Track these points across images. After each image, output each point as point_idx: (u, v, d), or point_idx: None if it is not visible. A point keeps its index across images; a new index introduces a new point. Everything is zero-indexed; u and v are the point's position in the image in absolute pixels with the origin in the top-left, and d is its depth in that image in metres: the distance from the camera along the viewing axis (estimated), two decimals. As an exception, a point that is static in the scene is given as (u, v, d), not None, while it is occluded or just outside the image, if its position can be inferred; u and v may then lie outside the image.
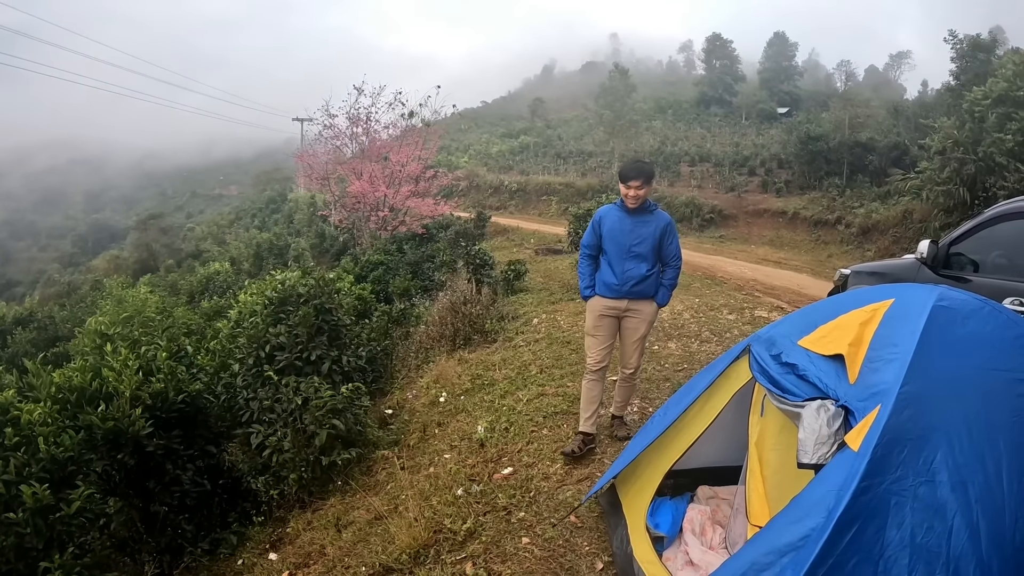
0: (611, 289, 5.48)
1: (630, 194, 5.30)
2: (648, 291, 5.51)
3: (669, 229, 5.48)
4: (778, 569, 2.41)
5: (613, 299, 5.50)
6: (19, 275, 66.65)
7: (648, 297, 5.54)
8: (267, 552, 5.58)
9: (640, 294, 5.48)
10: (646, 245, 5.38)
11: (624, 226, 5.42)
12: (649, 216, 5.44)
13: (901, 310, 3.02)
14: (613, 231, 5.45)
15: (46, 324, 18.04)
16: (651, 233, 5.38)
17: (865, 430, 2.51)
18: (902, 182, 24.67)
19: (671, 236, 5.50)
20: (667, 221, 5.49)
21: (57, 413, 5.42)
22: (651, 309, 5.57)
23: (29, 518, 4.72)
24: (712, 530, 3.90)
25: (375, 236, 18.80)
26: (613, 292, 5.48)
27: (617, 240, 5.44)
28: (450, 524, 4.53)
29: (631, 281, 5.41)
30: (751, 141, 48.33)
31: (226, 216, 51.64)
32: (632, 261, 5.40)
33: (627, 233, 5.40)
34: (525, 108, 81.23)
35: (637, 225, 5.40)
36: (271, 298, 6.94)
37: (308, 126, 33.08)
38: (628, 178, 5.30)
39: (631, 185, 5.28)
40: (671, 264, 5.58)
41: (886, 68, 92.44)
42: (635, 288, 5.43)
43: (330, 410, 6.03)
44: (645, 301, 5.54)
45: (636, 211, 5.39)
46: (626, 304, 5.50)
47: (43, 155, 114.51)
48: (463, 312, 9.86)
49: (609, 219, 5.51)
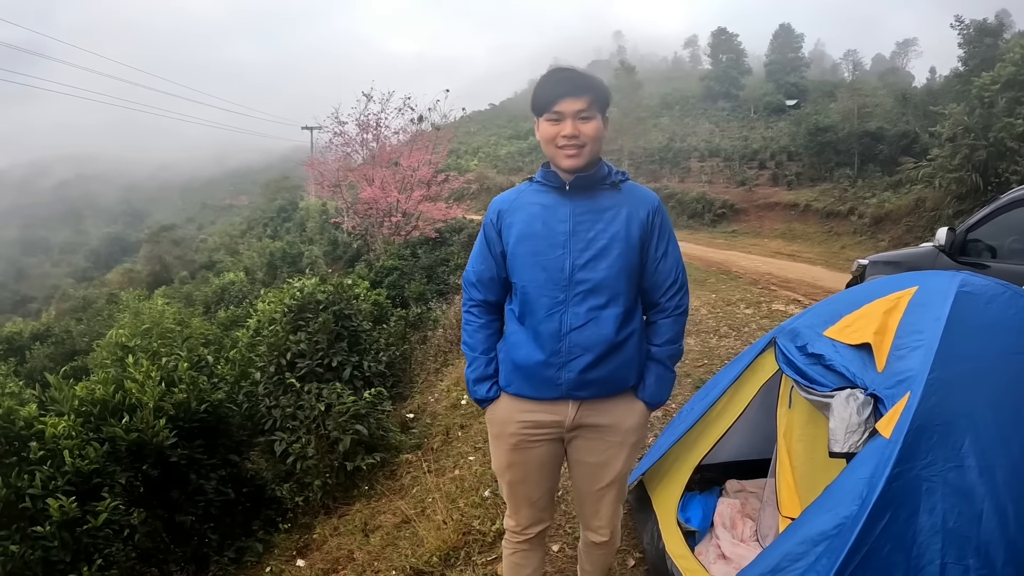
0: (537, 380, 2.71)
1: (565, 129, 2.58)
2: (622, 376, 2.74)
3: (657, 220, 2.74)
4: (813, 558, 2.41)
5: (544, 403, 2.75)
6: (33, 291, 66.92)
7: (623, 390, 2.78)
8: (294, 559, 5.59)
9: (605, 386, 2.72)
10: (609, 259, 2.64)
11: (557, 219, 2.69)
12: (612, 195, 2.72)
13: (925, 297, 3.02)
14: (532, 234, 2.71)
15: (63, 338, 18.12)
16: (619, 231, 2.66)
17: (896, 417, 2.51)
18: (913, 170, 24.48)
19: (663, 235, 2.77)
20: (651, 204, 2.74)
21: (81, 426, 5.44)
22: (632, 419, 2.81)
23: (56, 531, 4.74)
24: (742, 523, 3.91)
25: (388, 241, 18.82)
26: (542, 387, 2.71)
27: (542, 253, 2.68)
28: (479, 525, 4.53)
29: (584, 355, 2.64)
30: (760, 134, 48.26)
31: (237, 226, 51.75)
32: (580, 303, 2.64)
33: (564, 235, 2.67)
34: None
35: (586, 215, 2.68)
36: (290, 306, 6.97)
37: (318, 134, 33.16)
38: (555, 95, 2.59)
39: (563, 107, 2.58)
40: (669, 302, 2.81)
41: (893, 56, 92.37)
42: (592, 373, 2.66)
43: (353, 415, 6.05)
44: (617, 401, 2.78)
45: (582, 182, 2.68)
46: (575, 413, 2.74)
47: (55, 171, 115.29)
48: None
49: (522, 212, 2.76)
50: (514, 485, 2.97)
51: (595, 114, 2.64)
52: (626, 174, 2.86)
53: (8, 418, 5.25)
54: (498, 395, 2.89)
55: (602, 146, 2.76)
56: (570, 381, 2.68)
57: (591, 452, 2.84)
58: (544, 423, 2.80)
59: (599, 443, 2.82)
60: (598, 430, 2.79)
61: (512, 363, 2.80)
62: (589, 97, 2.62)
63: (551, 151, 2.69)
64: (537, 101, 2.69)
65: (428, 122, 20.56)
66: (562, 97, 2.61)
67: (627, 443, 2.85)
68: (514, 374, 2.80)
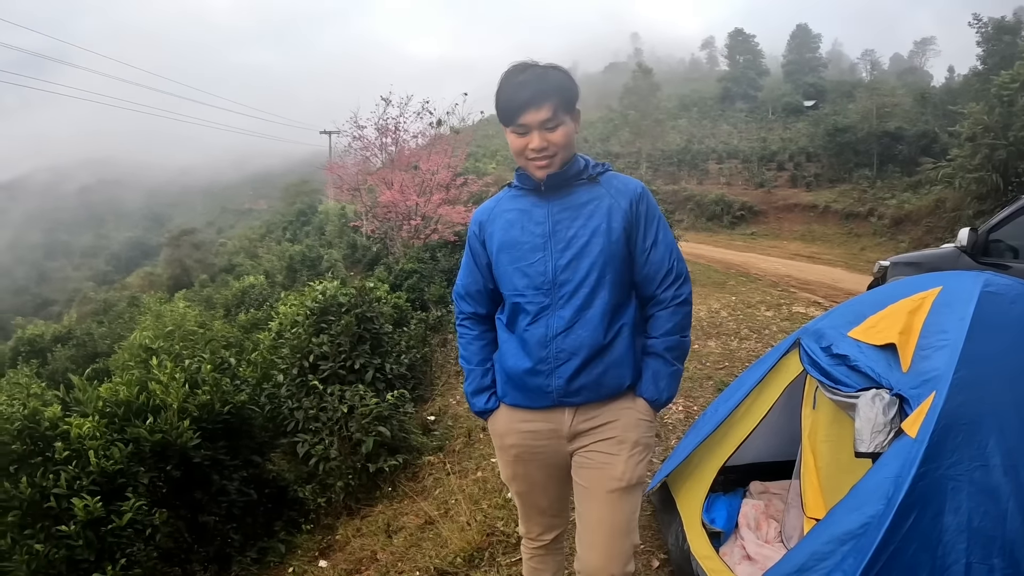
0: (528, 388, 2.61)
1: (533, 142, 2.47)
2: (615, 377, 2.57)
3: (642, 208, 2.59)
4: (839, 557, 2.43)
5: (539, 412, 2.65)
6: (54, 294, 67.63)
7: (620, 392, 2.61)
8: (317, 559, 5.61)
9: (597, 390, 2.56)
10: (591, 256, 2.51)
11: (534, 222, 2.60)
12: (591, 189, 2.60)
13: (949, 297, 3.02)
14: (511, 242, 2.62)
15: (85, 341, 18.26)
16: (599, 224, 2.53)
17: (922, 417, 2.52)
18: (933, 171, 24.36)
19: (651, 223, 2.61)
20: (633, 192, 2.59)
21: (105, 427, 5.49)
22: (631, 415, 2.61)
23: (80, 530, 4.78)
24: (767, 524, 3.91)
25: (407, 245, 18.84)
26: (534, 395, 2.61)
27: (523, 259, 2.59)
28: (502, 527, 4.55)
29: (572, 358, 2.52)
30: (778, 135, 48.12)
31: (257, 230, 51.93)
32: (565, 306, 2.52)
33: (543, 237, 2.58)
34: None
35: (564, 214, 2.57)
36: (312, 308, 7.00)
37: (336, 138, 33.27)
38: (517, 107, 2.45)
39: (527, 120, 2.45)
40: (665, 293, 2.63)
41: (911, 55, 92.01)
42: (581, 378, 2.53)
43: (376, 417, 6.08)
44: (616, 403, 2.62)
45: (557, 181, 2.56)
46: (572, 419, 2.61)
47: (77, 176, 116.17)
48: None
49: (501, 220, 2.68)
50: (522, 495, 2.90)
51: (562, 119, 2.49)
52: (607, 165, 2.71)
53: (33, 418, 5.30)
54: (497, 406, 2.81)
55: (575, 143, 2.60)
56: (560, 388, 2.56)
57: (590, 454, 2.63)
58: (543, 432, 2.69)
59: (598, 443, 2.63)
60: (596, 431, 2.63)
61: (504, 373, 2.72)
62: (553, 103, 2.46)
63: (522, 162, 2.60)
64: (500, 111, 2.53)
65: (447, 125, 20.58)
66: (524, 109, 2.46)
67: (627, 440, 2.60)
68: (507, 384, 2.72)
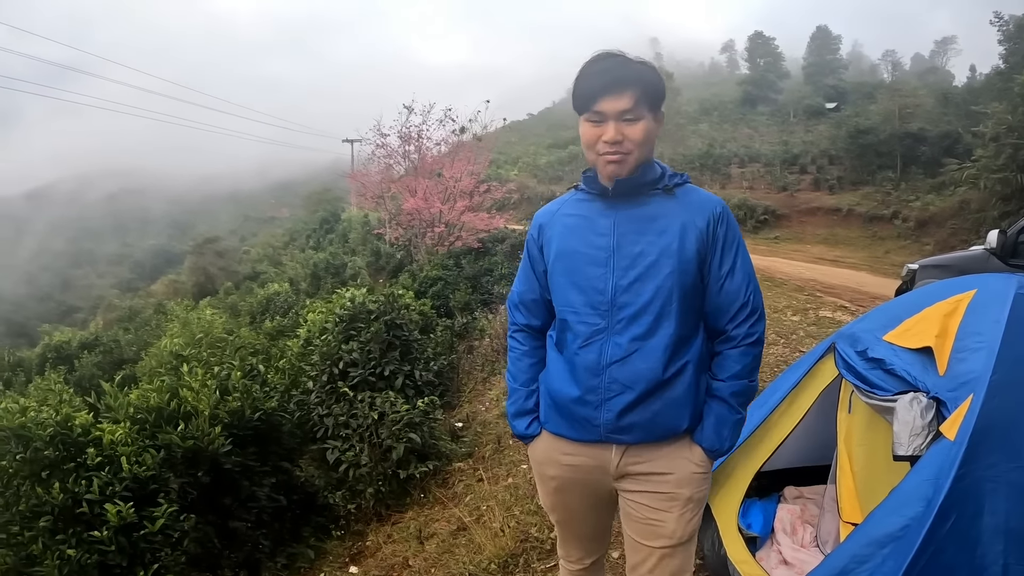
0: (574, 418, 2.36)
1: (607, 133, 2.21)
2: (671, 418, 2.30)
3: (720, 230, 2.31)
4: (879, 560, 2.44)
5: (583, 445, 2.40)
6: (79, 301, 68.18)
7: (675, 435, 2.33)
8: (347, 565, 5.65)
9: (650, 430, 2.30)
10: (658, 279, 2.25)
11: (597, 233, 2.35)
12: (664, 202, 2.32)
13: (984, 300, 3.03)
14: (570, 251, 2.38)
15: (111, 348, 18.34)
16: (671, 244, 2.25)
17: (960, 419, 2.53)
18: (957, 172, 24.10)
19: (729, 248, 2.33)
20: (712, 210, 2.32)
21: (136, 433, 5.55)
22: (687, 468, 2.34)
23: (112, 536, 4.85)
24: (803, 529, 3.91)
25: (431, 252, 18.92)
26: (580, 427, 2.36)
27: (579, 272, 2.35)
28: (536, 532, 4.55)
29: (625, 392, 2.26)
30: (800, 138, 47.81)
31: (280, 238, 52.18)
32: (623, 331, 2.27)
33: (606, 250, 2.31)
34: (570, 118, 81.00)
35: (632, 227, 2.31)
36: (341, 316, 7.05)
37: (359, 146, 33.39)
38: (595, 92, 2.22)
39: (604, 107, 2.20)
40: (737, 329, 2.35)
41: (932, 55, 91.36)
42: (633, 415, 2.27)
43: (407, 424, 6.11)
44: (670, 447, 2.35)
45: (627, 187, 2.30)
46: (619, 459, 2.36)
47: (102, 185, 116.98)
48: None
49: (561, 225, 2.45)
50: (561, 523, 2.70)
51: (643, 113, 2.22)
52: (685, 176, 2.41)
53: (65, 424, 5.37)
54: (538, 432, 2.55)
55: (654, 147, 2.34)
56: (608, 423, 2.30)
57: (637, 506, 2.39)
58: (584, 467, 2.43)
59: (646, 496, 2.36)
60: (646, 480, 2.35)
61: (549, 397, 2.47)
62: (635, 93, 2.20)
63: (592, 157, 2.33)
64: (576, 97, 2.31)
65: (470, 132, 20.67)
66: (603, 94, 2.21)
67: (679, 497, 2.33)
68: (552, 410, 2.46)
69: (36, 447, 5.14)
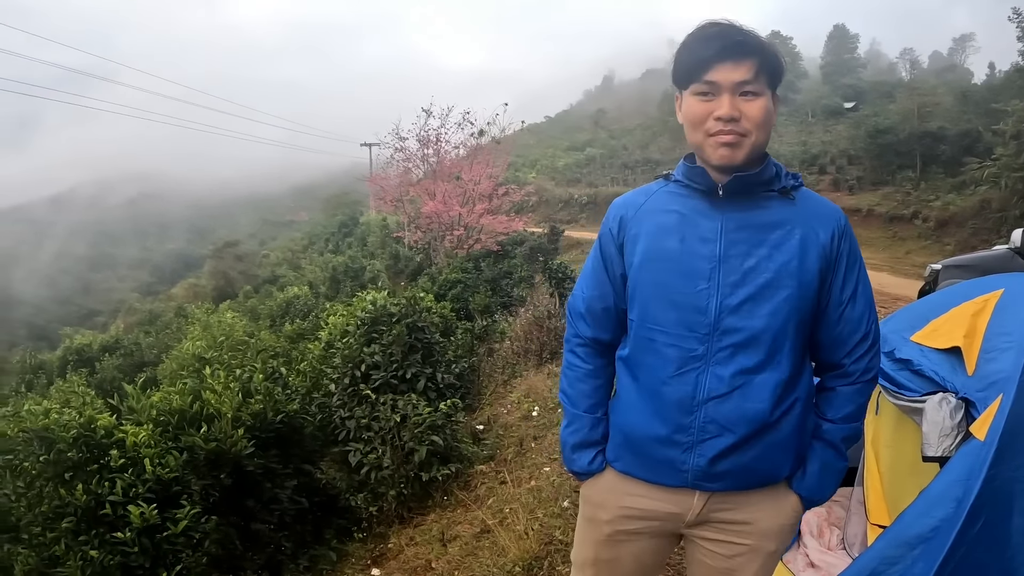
0: (653, 460, 2.00)
1: (722, 107, 1.83)
2: (772, 463, 1.97)
3: (844, 246, 1.98)
4: (909, 561, 2.42)
5: (659, 489, 2.03)
6: (99, 305, 68.78)
7: (772, 482, 2.01)
8: (369, 568, 5.64)
9: (747, 476, 1.96)
10: (774, 302, 1.87)
11: (700, 237, 1.92)
12: (782, 207, 1.94)
13: (1011, 299, 3.02)
14: (663, 255, 1.95)
15: (132, 350, 18.49)
16: (791, 261, 1.88)
17: (990, 419, 2.51)
18: (977, 171, 23.96)
19: (852, 269, 2.01)
20: (836, 222, 1.97)
21: (159, 435, 5.57)
22: (778, 518, 2.03)
23: (135, 537, 4.86)
24: (829, 531, 3.89)
25: (450, 254, 18.97)
26: (660, 470, 2.00)
27: (675, 284, 1.93)
28: (560, 536, 4.53)
29: (724, 435, 1.89)
30: (818, 139, 47.56)
31: (299, 241, 52.43)
32: (726, 362, 1.88)
33: (711, 260, 1.90)
34: (587, 120, 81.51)
35: (743, 234, 1.90)
36: (363, 319, 7.07)
37: (377, 150, 33.52)
38: (707, 59, 1.84)
39: (719, 76, 1.83)
40: (856, 364, 2.02)
41: (950, 53, 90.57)
42: (731, 460, 1.91)
43: (429, 426, 6.12)
44: (762, 495, 2.01)
45: (742, 185, 1.91)
46: (702, 506, 2.00)
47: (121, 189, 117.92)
48: (547, 326, 9.85)
49: (652, 222, 2.00)
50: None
51: (763, 89, 1.86)
52: (799, 177, 2.04)
53: (89, 426, 5.39)
54: (603, 468, 2.13)
55: (770, 135, 1.96)
56: (699, 468, 1.92)
57: (712, 555, 2.05)
58: (655, 513, 2.05)
59: (724, 544, 2.03)
60: (727, 528, 2.02)
61: (621, 432, 2.07)
62: (755, 63, 1.83)
63: (698, 138, 1.91)
64: (680, 68, 1.91)
65: (488, 136, 20.72)
66: (717, 62, 1.83)
67: (763, 550, 2.03)
68: (623, 447, 2.06)
69: (59, 449, 5.16)
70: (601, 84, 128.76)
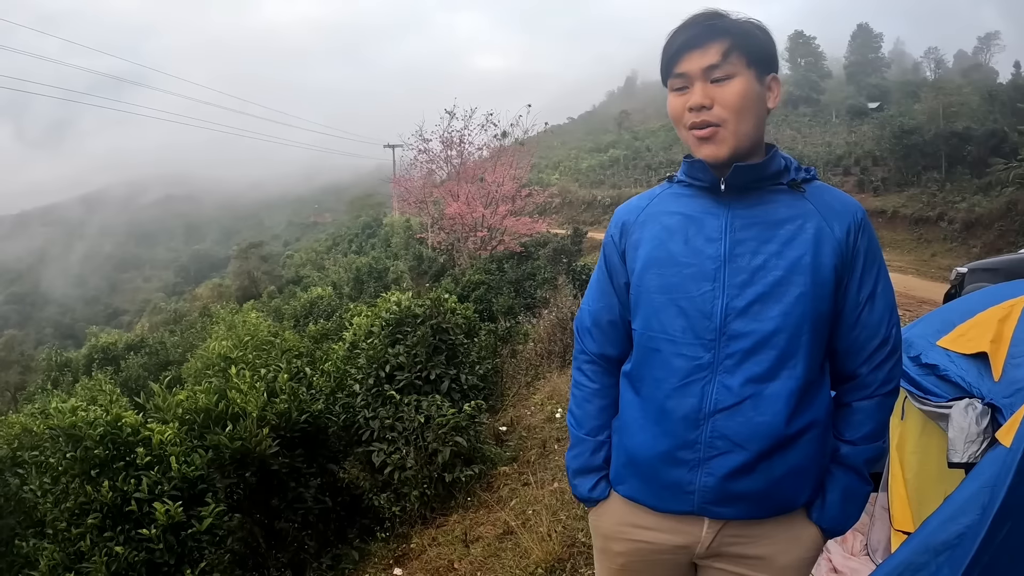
0: (658, 482, 1.84)
1: (693, 97, 1.75)
2: (791, 488, 1.78)
3: (861, 242, 1.78)
4: (934, 568, 2.40)
5: (666, 518, 1.87)
6: (125, 304, 69.60)
7: (790, 510, 1.82)
8: (391, 567, 5.65)
9: (762, 503, 1.78)
10: (786, 302, 1.71)
11: (705, 237, 1.80)
12: (793, 201, 1.79)
13: (1039, 304, 2.99)
14: (666, 258, 1.83)
15: (157, 349, 18.63)
16: (803, 256, 1.72)
17: (1016, 425, 2.48)
18: (1004, 171, 23.76)
19: (870, 267, 1.80)
20: (853, 216, 1.78)
21: (185, 434, 5.62)
22: (795, 552, 1.85)
23: (160, 534, 4.92)
24: (852, 537, 3.88)
25: (473, 256, 18.99)
26: (665, 493, 1.83)
27: (679, 288, 1.79)
28: (583, 538, 4.51)
29: (735, 451, 1.73)
30: (843, 139, 47.19)
31: (323, 242, 52.74)
32: (734, 370, 1.73)
33: (716, 260, 1.77)
34: (611, 122, 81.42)
35: (750, 231, 1.76)
36: (387, 320, 7.09)
37: (401, 152, 33.63)
38: (675, 50, 1.77)
39: (686, 66, 1.75)
40: (875, 373, 1.83)
41: (975, 51, 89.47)
42: (744, 481, 1.74)
43: (452, 427, 6.14)
44: (778, 525, 1.83)
45: (744, 178, 1.78)
46: (712, 537, 1.84)
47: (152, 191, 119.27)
48: (570, 328, 9.77)
49: (654, 226, 1.89)
50: None
51: (737, 69, 1.72)
52: (812, 171, 1.88)
53: (115, 424, 5.45)
54: (606, 495, 2.01)
55: (763, 120, 1.81)
56: (708, 489, 1.76)
57: None
58: (663, 547, 1.91)
59: None
60: (742, 562, 1.86)
61: (625, 452, 1.92)
62: (724, 44, 1.71)
63: (683, 135, 1.84)
64: (662, 64, 1.82)
65: (512, 137, 20.73)
66: (685, 51, 1.75)
67: None
68: (627, 468, 1.92)
69: (86, 446, 5.23)
70: (624, 85, 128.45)
